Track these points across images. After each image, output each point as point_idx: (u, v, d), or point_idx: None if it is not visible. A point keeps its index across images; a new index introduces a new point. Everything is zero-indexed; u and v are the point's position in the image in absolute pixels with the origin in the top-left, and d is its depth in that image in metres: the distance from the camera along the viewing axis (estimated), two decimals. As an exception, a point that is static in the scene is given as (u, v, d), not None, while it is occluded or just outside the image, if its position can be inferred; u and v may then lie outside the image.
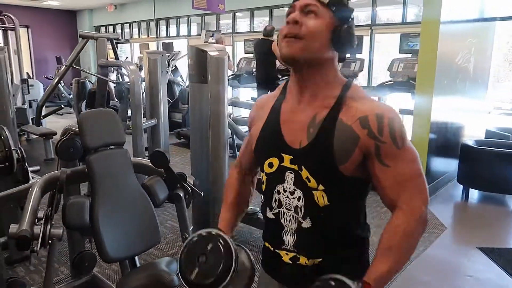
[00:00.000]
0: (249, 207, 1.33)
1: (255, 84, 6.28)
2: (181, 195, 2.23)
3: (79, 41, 3.72)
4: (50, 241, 1.76)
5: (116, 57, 3.84)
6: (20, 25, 7.62)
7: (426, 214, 0.98)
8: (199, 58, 2.48)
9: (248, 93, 7.48)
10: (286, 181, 1.03)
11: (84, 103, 8.19)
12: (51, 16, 12.62)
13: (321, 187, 0.98)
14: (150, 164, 2.17)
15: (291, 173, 1.02)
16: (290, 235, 1.05)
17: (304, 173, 1.00)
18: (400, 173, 0.96)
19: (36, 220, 1.76)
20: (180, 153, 6.08)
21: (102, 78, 3.57)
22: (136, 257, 2.11)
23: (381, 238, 0.98)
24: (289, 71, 3.83)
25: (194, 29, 10.14)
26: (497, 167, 3.95)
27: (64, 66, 3.78)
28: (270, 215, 1.09)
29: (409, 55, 5.47)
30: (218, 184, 2.56)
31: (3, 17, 6.48)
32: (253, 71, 6.77)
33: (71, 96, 8.96)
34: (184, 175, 2.27)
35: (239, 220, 1.26)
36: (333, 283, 0.90)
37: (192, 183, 2.32)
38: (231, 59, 8.33)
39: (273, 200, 1.07)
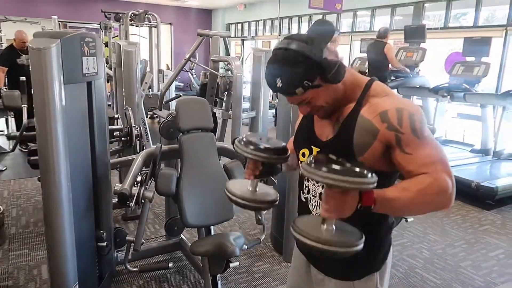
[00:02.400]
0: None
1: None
2: (257, 180, 2.48)
3: (212, 38, 4.21)
4: (143, 201, 2.20)
5: (228, 53, 4.26)
6: (163, 22, 8.81)
7: (451, 193, 1.00)
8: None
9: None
10: None
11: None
12: (190, 14, 14.12)
13: None
14: (233, 149, 2.47)
15: None
16: None
17: None
18: (423, 156, 1.01)
19: (136, 183, 2.21)
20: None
21: (213, 72, 4.03)
22: (212, 227, 2.44)
23: (401, 181, 1.03)
24: (402, 73, 3.86)
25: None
26: None
27: (184, 59, 4.35)
28: (302, 198, 1.26)
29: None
30: (294, 173, 2.73)
31: (149, 15, 7.58)
32: (366, 71, 6.68)
33: (198, 86, 9.99)
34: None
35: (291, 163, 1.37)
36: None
37: (268, 170, 2.55)
38: (347, 58, 8.27)
39: (304, 186, 1.24)
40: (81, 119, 2.00)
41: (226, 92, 3.99)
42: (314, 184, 1.19)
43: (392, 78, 6.08)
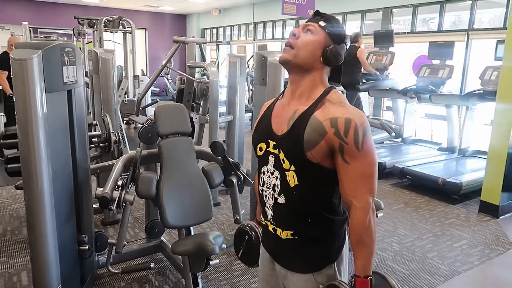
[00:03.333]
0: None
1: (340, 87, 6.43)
2: (234, 181, 2.60)
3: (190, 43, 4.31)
4: (124, 204, 2.27)
5: (204, 59, 4.36)
6: (138, 28, 8.81)
7: (371, 205, 1.19)
8: (261, 63, 2.80)
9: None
10: (268, 163, 1.29)
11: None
12: (165, 20, 14.13)
13: (292, 167, 1.22)
14: (211, 152, 2.57)
15: (272, 156, 1.28)
16: (270, 210, 1.32)
17: (281, 155, 1.24)
18: (357, 171, 1.17)
19: (117, 187, 2.28)
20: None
21: (189, 78, 4.12)
22: (192, 228, 2.53)
23: (350, 234, 1.22)
24: (373, 76, 4.13)
25: (289, 32, 10.50)
26: None
27: (160, 66, 4.42)
28: (259, 190, 1.37)
29: (505, 63, 5.10)
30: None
31: (123, 21, 7.58)
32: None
33: (175, 91, 10.02)
34: (238, 164, 2.63)
35: None
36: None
37: (245, 172, 2.67)
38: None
39: (260, 179, 1.35)
40: (62, 126, 2.06)
41: (202, 97, 4.08)
42: (269, 176, 1.29)
43: (364, 81, 6.31)
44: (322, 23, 1.23)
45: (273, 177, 1.28)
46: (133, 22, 7.62)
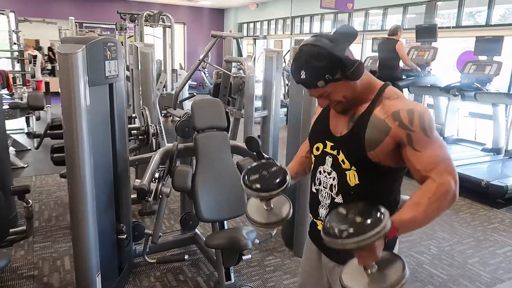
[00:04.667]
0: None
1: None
2: (268, 177, 2.59)
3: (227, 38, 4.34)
4: (160, 196, 2.33)
5: (240, 54, 4.37)
6: (177, 22, 8.96)
7: (455, 191, 1.09)
8: (299, 59, 2.76)
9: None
10: (326, 164, 1.30)
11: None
12: (203, 14, 14.28)
13: (353, 168, 1.22)
14: (245, 147, 2.58)
15: (330, 157, 1.28)
16: (324, 209, 1.31)
17: (341, 156, 1.24)
18: (430, 155, 1.12)
19: (154, 179, 2.34)
20: (295, 144, 6.46)
21: (226, 72, 4.14)
22: (226, 222, 2.56)
23: (411, 196, 1.12)
24: (413, 72, 3.98)
25: (327, 26, 10.34)
26: None
27: (198, 60, 4.47)
28: (313, 189, 1.37)
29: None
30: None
31: (163, 16, 7.73)
32: (377, 70, 6.72)
33: (212, 85, 10.13)
34: (272, 159, 2.62)
35: (298, 175, 1.55)
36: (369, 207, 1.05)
37: (279, 168, 2.66)
38: (358, 57, 8.28)
39: (316, 178, 1.34)
40: (103, 119, 2.13)
41: (238, 92, 4.10)
42: (326, 176, 1.29)
43: (403, 77, 6.11)
44: (320, 84, 1.15)
45: (330, 177, 1.29)
46: (172, 16, 7.75)
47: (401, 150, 1.16)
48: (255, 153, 2.53)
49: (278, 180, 1.28)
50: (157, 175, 2.34)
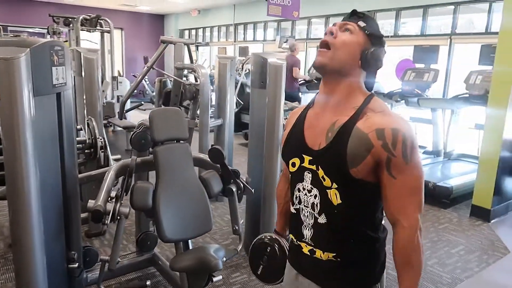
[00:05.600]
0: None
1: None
2: (234, 190, 2.45)
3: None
4: (118, 217, 2.09)
5: (191, 61, 4.19)
6: (115, 27, 8.51)
7: (419, 223, 1.10)
8: (260, 65, 2.67)
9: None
10: (305, 180, 1.18)
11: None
12: (142, 20, 13.78)
13: (334, 185, 1.11)
14: (208, 159, 2.42)
15: (309, 172, 1.16)
16: (308, 229, 1.19)
17: (320, 172, 1.13)
18: (404, 186, 1.07)
19: (109, 198, 2.09)
20: (245, 153, 6.35)
21: (177, 80, 3.94)
22: (190, 241, 2.37)
23: (394, 255, 1.11)
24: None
25: (270, 34, 10.43)
26: None
27: (146, 67, 4.22)
28: (292, 210, 1.24)
29: (490, 68, 5.17)
30: (270, 183, 2.73)
31: (101, 21, 7.29)
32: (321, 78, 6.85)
33: (154, 93, 9.75)
34: (237, 172, 2.48)
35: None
36: None
37: (244, 180, 2.53)
38: (302, 65, 8.43)
39: (295, 197, 1.22)
40: (50, 132, 1.86)
41: (192, 100, 3.91)
42: (306, 194, 1.18)
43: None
44: (361, 23, 1.12)
45: (311, 195, 1.17)
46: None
47: (378, 170, 1.08)
48: (218, 165, 2.44)
49: (279, 261, 1.38)
50: (113, 193, 2.10)
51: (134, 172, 2.17)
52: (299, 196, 1.20)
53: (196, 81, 4.25)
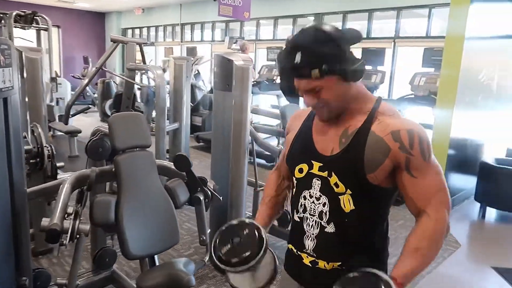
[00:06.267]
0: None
1: (275, 91, 6.39)
2: (201, 198, 2.32)
3: (107, 43, 3.89)
4: (77, 236, 1.88)
5: (144, 61, 3.98)
6: (51, 25, 7.90)
7: (449, 222, 1.07)
8: (225, 67, 2.57)
9: (268, 100, 7.56)
10: (313, 187, 1.12)
11: (108, 103, 8.46)
12: (80, 17, 13.01)
13: (348, 191, 1.06)
14: (173, 167, 2.27)
15: (318, 179, 1.11)
16: (311, 240, 1.13)
17: (333, 179, 1.08)
18: (427, 184, 1.05)
19: (66, 215, 1.88)
20: (199, 156, 6.19)
21: (130, 81, 3.71)
22: (156, 256, 2.20)
23: (408, 239, 1.06)
24: None
25: (218, 35, 10.30)
26: (517, 187, 3.90)
27: (95, 68, 3.93)
28: (296, 218, 1.18)
29: (432, 70, 5.46)
30: (237, 189, 2.63)
31: (37, 17, 6.73)
32: (274, 78, 6.87)
33: (95, 95, 9.22)
34: (205, 179, 2.36)
35: (272, 220, 1.36)
36: (368, 276, 0.97)
37: (212, 187, 2.41)
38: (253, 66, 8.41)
39: (299, 204, 1.16)
40: (-4, 143, 1.62)
41: (146, 103, 3.70)
42: (313, 202, 1.12)
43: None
44: (315, 74, 0.99)
45: (319, 203, 1.11)
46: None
47: (396, 172, 1.06)
48: (184, 172, 2.31)
49: (255, 245, 1.12)
50: (70, 209, 1.88)
51: (94, 184, 1.96)
52: (305, 204, 1.15)
53: (148, 82, 4.03)
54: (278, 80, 6.62)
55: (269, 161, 5.34)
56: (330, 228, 1.10)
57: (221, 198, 2.44)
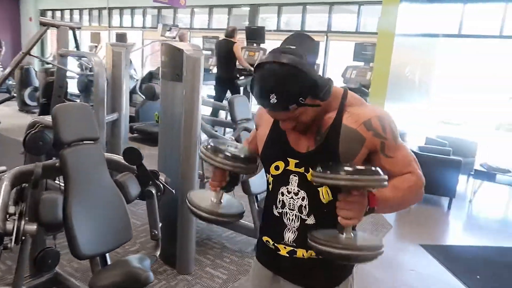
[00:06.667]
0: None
1: (211, 81, 6.35)
2: (153, 192, 2.25)
3: (23, 26, 3.53)
4: (23, 237, 1.72)
5: (77, 47, 3.69)
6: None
7: (424, 182, 1.14)
8: (174, 56, 2.49)
9: (204, 90, 7.47)
10: (290, 183, 1.16)
11: (27, 91, 7.74)
12: (-10, -5, 11.69)
13: None
14: (122, 161, 2.17)
15: (295, 175, 1.15)
16: (292, 232, 1.17)
17: (310, 175, 1.10)
18: (402, 158, 1.13)
19: (8, 215, 1.71)
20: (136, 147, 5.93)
21: (62, 68, 3.43)
22: (107, 255, 2.10)
23: (391, 181, 1.07)
24: (248, 72, 4.08)
25: (149, 21, 9.90)
26: (435, 172, 4.30)
27: (21, 53, 3.57)
28: (275, 213, 1.20)
29: (362, 63, 5.79)
30: (188, 181, 2.59)
31: None
32: (210, 68, 6.81)
33: (11, 82, 8.39)
34: (156, 172, 2.29)
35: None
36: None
37: (164, 180, 2.34)
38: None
39: (278, 200, 1.19)
40: None
41: (84, 93, 3.47)
42: (292, 198, 1.16)
43: (237, 75, 6.33)
44: (293, 107, 1.02)
45: (298, 198, 1.15)
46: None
47: (372, 156, 1.13)
48: (135, 166, 2.22)
49: (249, 154, 1.24)
50: (12, 209, 1.72)
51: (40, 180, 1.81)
52: (283, 200, 1.18)
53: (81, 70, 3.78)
54: (214, 70, 6.58)
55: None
56: (311, 220, 1.14)
57: (173, 191, 2.39)
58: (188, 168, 2.57)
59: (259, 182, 2.84)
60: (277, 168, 1.19)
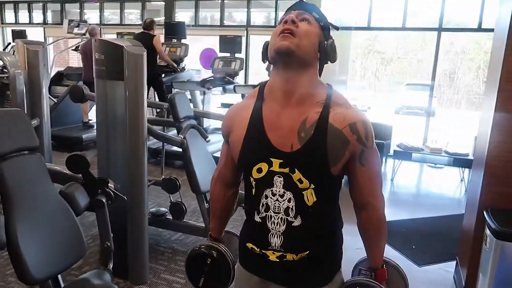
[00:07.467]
0: (156, 209, 1.51)
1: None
2: (104, 201, 2.08)
3: None
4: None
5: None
6: None
7: (383, 203, 1.20)
8: (112, 54, 2.31)
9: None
10: (275, 185, 1.09)
11: None
12: None
13: (312, 186, 1.07)
14: (65, 170, 1.97)
15: (279, 176, 1.09)
16: (277, 237, 1.11)
17: (297, 175, 1.06)
18: (370, 171, 1.13)
19: None
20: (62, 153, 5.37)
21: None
22: (59, 276, 1.89)
23: (366, 231, 1.20)
24: (171, 68, 4.09)
25: (50, 17, 9.05)
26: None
27: None
28: (257, 218, 1.13)
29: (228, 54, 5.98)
30: (137, 187, 2.43)
31: None
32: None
33: None
34: (106, 179, 2.11)
35: (225, 226, 1.39)
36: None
37: (113, 187, 2.17)
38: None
39: (261, 204, 1.12)
40: None
41: (-4, 97, 3.05)
42: (277, 200, 1.09)
43: (159, 72, 6.09)
44: (315, 15, 1.10)
45: (283, 200, 1.09)
46: None
47: (349, 162, 1.10)
48: (81, 175, 2.03)
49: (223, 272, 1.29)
50: None
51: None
52: (267, 203, 1.10)
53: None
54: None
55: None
56: (297, 222, 1.10)
57: (125, 197, 2.23)
58: (136, 171, 2.41)
59: (208, 180, 2.78)
60: (259, 170, 1.10)
